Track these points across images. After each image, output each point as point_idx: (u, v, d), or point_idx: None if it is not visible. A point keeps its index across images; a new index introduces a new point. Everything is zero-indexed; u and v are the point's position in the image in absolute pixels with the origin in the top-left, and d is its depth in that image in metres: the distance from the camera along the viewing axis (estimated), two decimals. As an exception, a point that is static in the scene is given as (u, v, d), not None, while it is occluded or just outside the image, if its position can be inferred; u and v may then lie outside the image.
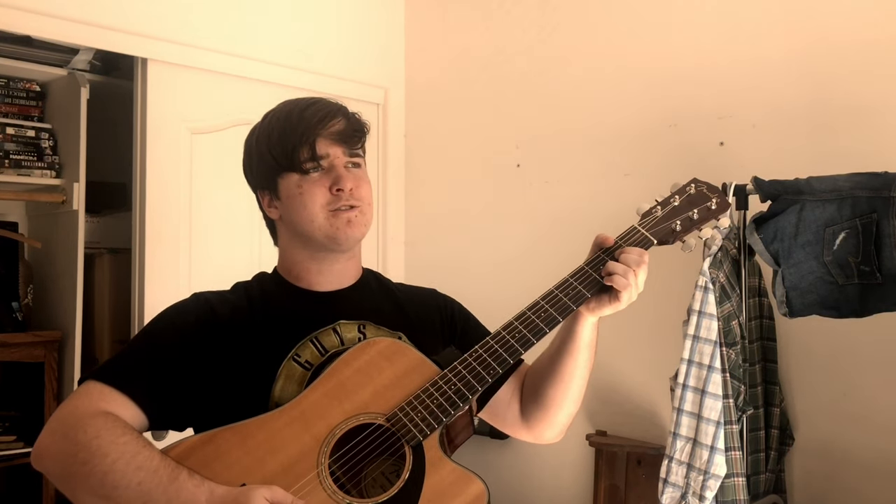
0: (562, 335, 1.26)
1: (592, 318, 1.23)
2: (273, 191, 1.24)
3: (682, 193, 1.29)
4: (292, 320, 1.22)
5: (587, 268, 1.21)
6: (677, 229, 1.25)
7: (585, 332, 1.24)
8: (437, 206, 3.26)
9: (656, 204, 1.28)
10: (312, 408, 1.12)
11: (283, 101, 1.27)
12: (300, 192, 1.20)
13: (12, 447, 2.72)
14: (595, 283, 1.19)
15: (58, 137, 2.93)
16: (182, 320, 1.19)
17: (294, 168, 1.20)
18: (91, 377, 1.13)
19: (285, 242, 1.28)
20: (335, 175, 1.21)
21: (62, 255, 2.81)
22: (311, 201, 1.20)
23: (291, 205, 1.21)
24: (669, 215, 1.26)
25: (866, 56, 2.15)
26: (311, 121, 1.20)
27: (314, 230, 1.21)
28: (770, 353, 2.18)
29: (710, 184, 1.31)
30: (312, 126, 1.20)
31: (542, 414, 1.31)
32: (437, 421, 1.11)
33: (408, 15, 3.39)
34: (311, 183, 1.20)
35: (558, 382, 1.27)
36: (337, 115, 1.23)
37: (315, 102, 1.24)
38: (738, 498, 1.87)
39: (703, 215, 1.26)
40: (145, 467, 1.02)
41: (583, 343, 1.25)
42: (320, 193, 1.20)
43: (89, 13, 2.49)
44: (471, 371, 1.14)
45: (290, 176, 1.21)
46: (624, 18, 2.71)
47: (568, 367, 1.26)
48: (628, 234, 1.24)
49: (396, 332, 1.26)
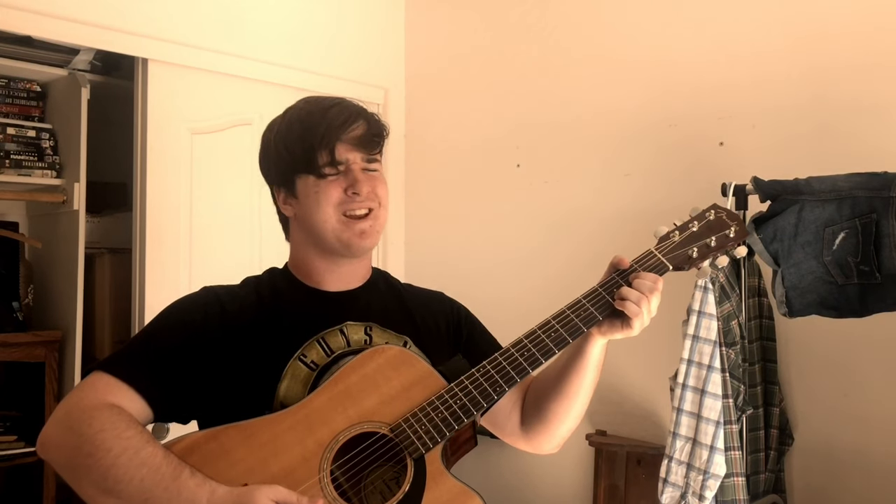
0: (570, 353, 1.25)
1: (602, 340, 1.23)
2: (289, 188, 1.24)
3: (702, 219, 1.27)
4: (300, 320, 1.22)
5: (601, 290, 1.20)
6: (694, 256, 1.24)
7: (595, 352, 1.24)
8: (437, 206, 3.26)
9: (674, 228, 1.27)
10: (317, 412, 1.12)
11: (305, 99, 1.26)
12: (315, 193, 1.20)
13: (13, 447, 2.72)
14: (607, 307, 1.18)
15: (58, 137, 2.93)
16: (190, 314, 1.19)
17: (311, 170, 1.20)
18: (98, 368, 1.13)
19: (298, 240, 1.28)
20: (351, 178, 1.20)
21: (62, 255, 2.81)
22: (325, 201, 1.20)
23: (307, 204, 1.21)
24: (687, 241, 1.25)
25: (866, 56, 2.15)
26: (333, 124, 1.19)
27: (327, 231, 1.21)
28: (770, 352, 2.19)
29: (730, 210, 1.30)
30: (333, 130, 1.19)
31: (542, 427, 1.31)
32: (441, 435, 1.11)
33: (408, 15, 3.39)
34: (327, 184, 1.20)
35: (562, 399, 1.27)
36: (358, 119, 1.22)
37: (337, 104, 1.22)
38: (737, 497, 1.88)
39: (720, 243, 1.25)
40: (148, 463, 1.02)
41: (591, 363, 1.24)
42: (335, 194, 1.20)
43: (89, 13, 2.49)
44: (477, 387, 1.14)
45: (307, 177, 1.21)
46: (624, 18, 2.71)
47: (574, 384, 1.26)
48: (644, 258, 1.23)
49: (402, 336, 1.26)
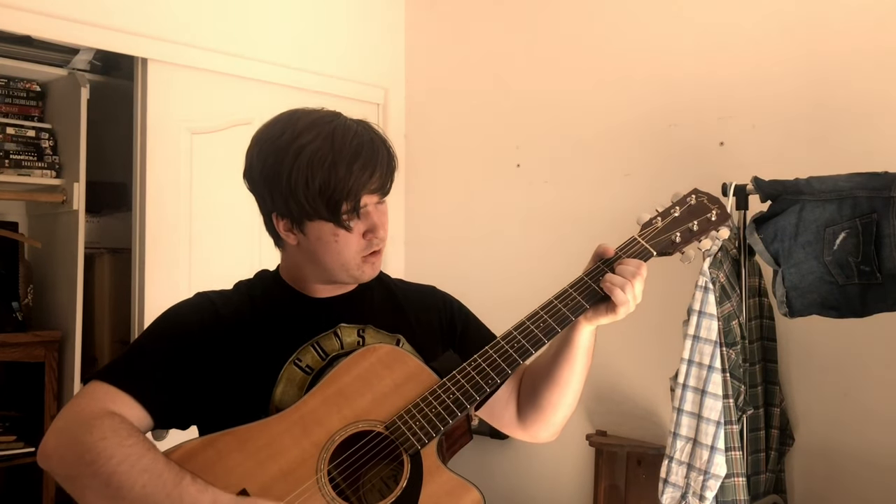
0: (559, 341, 1.26)
1: (590, 327, 1.23)
2: (298, 224, 1.18)
3: (683, 204, 1.28)
4: (294, 325, 1.22)
5: (586, 278, 1.21)
6: (677, 241, 1.25)
7: (583, 339, 1.24)
8: (437, 206, 3.26)
9: (657, 214, 1.28)
10: (312, 414, 1.12)
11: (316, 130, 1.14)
12: (335, 241, 1.17)
13: (12, 447, 2.72)
14: (593, 294, 1.19)
15: (58, 137, 2.93)
16: (185, 320, 1.19)
17: (332, 219, 1.15)
18: (96, 377, 1.13)
19: (295, 260, 1.24)
20: (370, 222, 1.18)
21: (62, 255, 2.81)
22: (346, 250, 1.17)
23: (322, 248, 1.18)
24: (669, 227, 1.26)
25: (866, 56, 2.15)
26: (360, 178, 1.14)
27: (340, 271, 1.20)
28: (770, 353, 2.18)
29: (710, 194, 1.31)
30: (361, 184, 1.14)
31: (537, 415, 1.32)
32: (435, 430, 1.11)
33: (408, 15, 3.39)
34: (347, 234, 1.17)
35: (554, 386, 1.28)
36: (379, 165, 1.16)
37: (360, 151, 1.14)
38: (738, 498, 1.87)
39: (703, 227, 1.26)
40: (150, 470, 1.03)
41: (580, 350, 1.25)
42: (356, 241, 1.18)
43: (89, 13, 2.49)
44: (469, 381, 1.14)
45: (325, 223, 1.16)
46: (624, 18, 2.71)
47: (565, 372, 1.26)
48: (628, 245, 1.24)
49: (395, 336, 1.26)
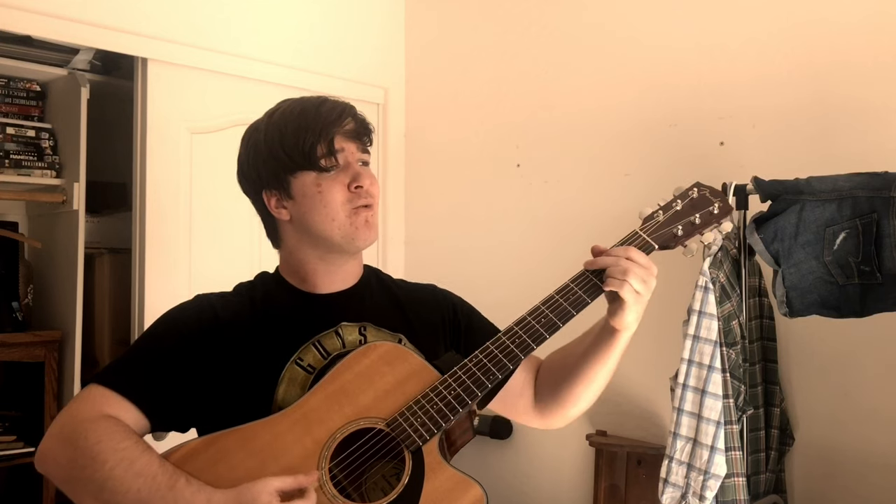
0: (596, 341, 1.26)
1: (627, 333, 1.23)
2: (284, 190, 1.21)
3: (685, 197, 1.28)
4: (295, 324, 1.22)
5: (588, 272, 1.20)
6: (679, 234, 1.24)
7: (621, 343, 1.25)
8: (437, 205, 3.26)
9: (658, 208, 1.27)
10: (314, 412, 1.12)
11: (287, 100, 1.25)
12: (319, 191, 1.19)
13: (12, 447, 2.72)
14: (595, 288, 1.18)
15: (58, 137, 2.93)
16: (185, 323, 1.19)
17: (311, 166, 1.18)
18: (94, 381, 1.13)
19: (292, 244, 1.26)
20: (353, 172, 1.20)
21: (62, 255, 2.81)
22: (331, 199, 1.19)
23: (309, 204, 1.20)
24: (671, 220, 1.25)
25: (866, 56, 2.15)
26: (329, 118, 1.19)
27: (333, 230, 1.20)
28: (770, 353, 2.18)
29: (712, 188, 1.30)
30: (330, 123, 1.19)
31: (557, 406, 1.33)
32: (437, 426, 1.11)
33: (408, 15, 3.39)
34: (331, 180, 1.19)
35: (581, 382, 1.29)
36: (348, 114, 1.22)
37: (326, 100, 1.22)
38: (738, 498, 1.87)
39: (705, 220, 1.26)
40: (144, 474, 1.03)
41: (616, 352, 1.26)
42: (339, 191, 1.19)
43: (89, 13, 2.49)
44: (471, 376, 1.14)
45: (307, 174, 1.19)
46: (625, 18, 2.70)
47: (595, 370, 1.27)
48: (630, 238, 1.24)
49: (397, 334, 1.26)
